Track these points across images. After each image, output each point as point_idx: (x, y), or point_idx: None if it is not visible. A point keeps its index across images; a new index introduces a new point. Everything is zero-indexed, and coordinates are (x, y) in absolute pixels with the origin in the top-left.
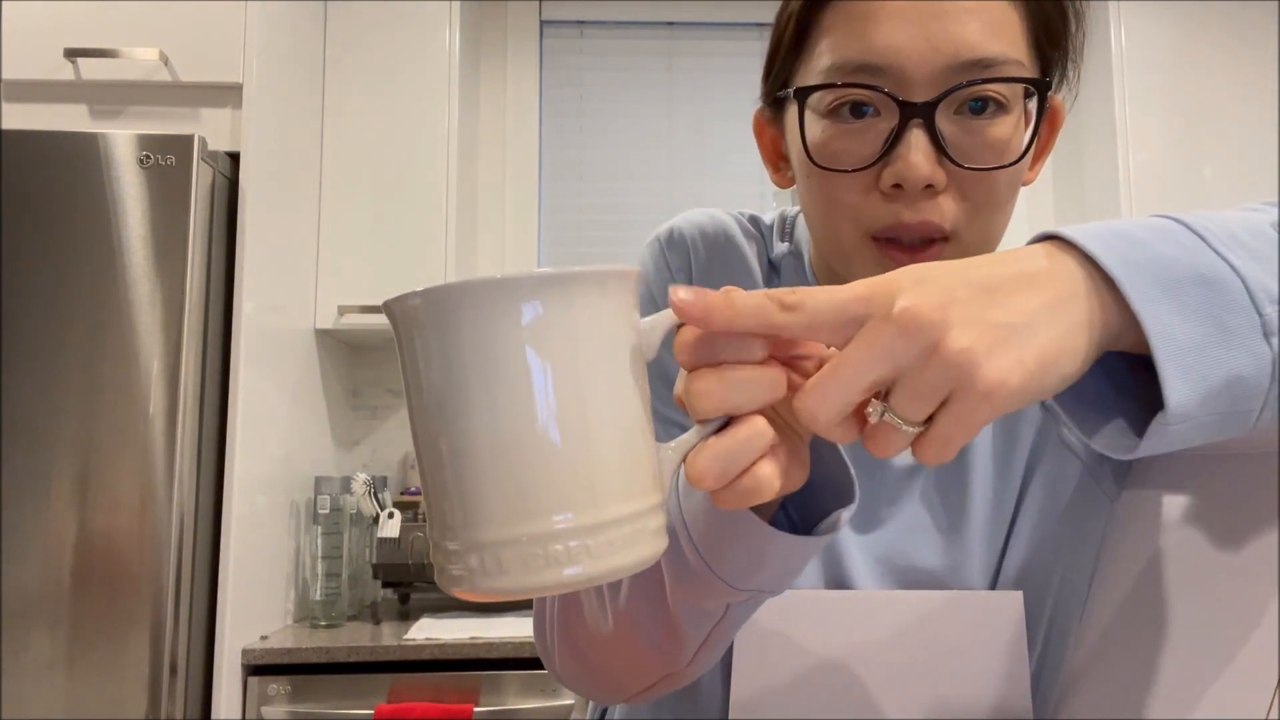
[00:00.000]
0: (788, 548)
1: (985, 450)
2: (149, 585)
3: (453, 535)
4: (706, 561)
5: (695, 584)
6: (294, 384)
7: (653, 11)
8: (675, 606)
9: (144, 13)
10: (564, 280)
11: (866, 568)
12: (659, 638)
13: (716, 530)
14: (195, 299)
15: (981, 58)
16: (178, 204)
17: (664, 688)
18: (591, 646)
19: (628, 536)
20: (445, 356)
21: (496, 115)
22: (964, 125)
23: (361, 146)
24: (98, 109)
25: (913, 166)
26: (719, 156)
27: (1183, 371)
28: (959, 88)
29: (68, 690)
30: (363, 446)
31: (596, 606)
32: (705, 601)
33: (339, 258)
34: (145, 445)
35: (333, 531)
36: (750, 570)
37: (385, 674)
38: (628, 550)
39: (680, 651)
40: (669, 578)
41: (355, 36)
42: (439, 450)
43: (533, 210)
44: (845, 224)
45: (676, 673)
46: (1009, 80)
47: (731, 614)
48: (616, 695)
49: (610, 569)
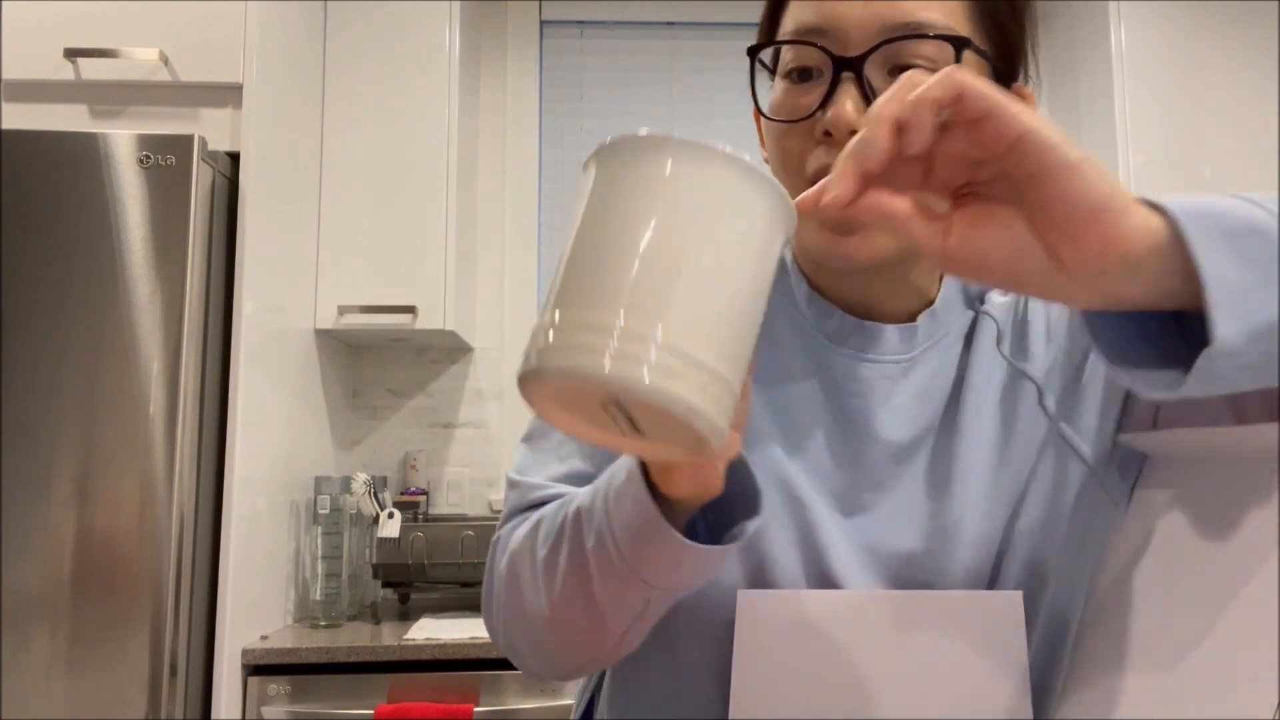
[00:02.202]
0: (697, 555)
1: (980, 442)
2: (149, 585)
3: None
4: (629, 563)
5: (619, 581)
6: (294, 384)
7: (653, 11)
8: (602, 599)
9: (144, 13)
10: (751, 174)
11: (848, 552)
12: (586, 625)
13: (638, 537)
14: (195, 299)
15: (911, 21)
16: (178, 204)
17: (591, 669)
18: (529, 628)
19: (697, 382)
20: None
21: (496, 115)
22: (889, 82)
23: (361, 146)
24: (98, 109)
25: (839, 114)
26: None
27: (1231, 310)
28: (886, 43)
29: (68, 690)
30: (363, 446)
31: (534, 593)
32: (627, 596)
33: (339, 258)
34: (145, 445)
35: (333, 531)
36: (665, 572)
37: (385, 674)
38: (689, 393)
39: (605, 638)
40: (597, 573)
41: (355, 36)
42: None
43: (533, 210)
44: (791, 174)
45: (602, 655)
46: (927, 36)
47: (652, 607)
48: (549, 671)
49: (673, 398)
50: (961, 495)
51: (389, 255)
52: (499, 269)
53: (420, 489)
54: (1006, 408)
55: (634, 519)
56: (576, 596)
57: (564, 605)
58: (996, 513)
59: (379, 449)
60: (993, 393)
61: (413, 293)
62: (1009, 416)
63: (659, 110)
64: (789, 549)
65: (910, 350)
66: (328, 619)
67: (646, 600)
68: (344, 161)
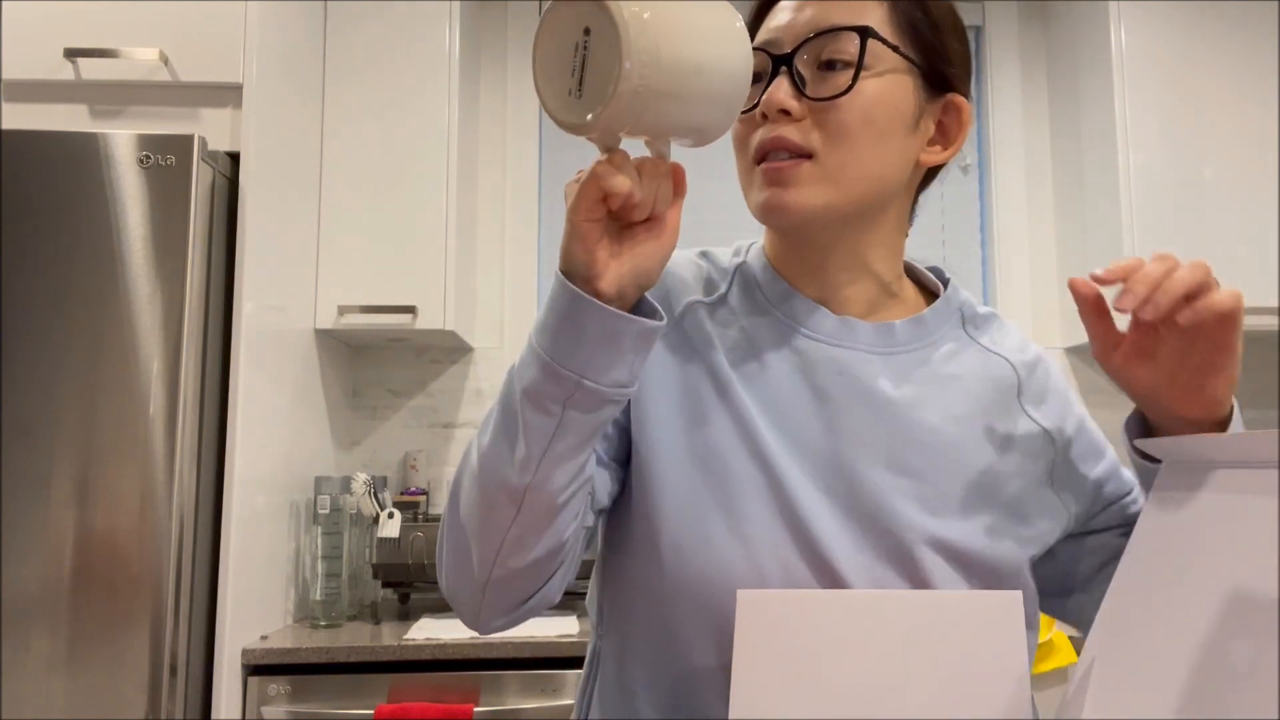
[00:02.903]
0: (603, 320)
1: (961, 415)
2: (149, 585)
3: None
4: (544, 352)
5: (536, 382)
6: (294, 384)
7: None
8: (523, 416)
9: (144, 13)
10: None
11: (836, 524)
12: (508, 460)
13: (555, 316)
14: (195, 299)
15: (832, 25)
16: (178, 204)
17: (511, 552)
18: (462, 530)
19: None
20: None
21: (497, 115)
22: (818, 75)
23: (361, 147)
24: (98, 109)
25: (771, 96)
26: (719, 156)
27: None
28: (807, 41)
29: (68, 690)
30: (363, 446)
31: (470, 485)
32: (545, 397)
33: (339, 258)
34: (145, 445)
35: (333, 531)
36: (571, 343)
37: (385, 674)
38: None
39: (525, 467)
40: (520, 387)
41: (355, 36)
42: None
43: (533, 210)
44: (742, 158)
45: (516, 510)
46: (841, 29)
47: (568, 419)
48: (473, 569)
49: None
50: (943, 470)
51: (389, 255)
52: (499, 269)
53: (420, 489)
54: (992, 428)
55: (552, 305)
56: (501, 441)
57: (489, 457)
58: (975, 489)
59: (379, 449)
60: (981, 419)
61: (413, 293)
62: (990, 406)
63: None
64: (774, 521)
65: (890, 348)
66: (328, 619)
67: (563, 406)
68: (344, 161)
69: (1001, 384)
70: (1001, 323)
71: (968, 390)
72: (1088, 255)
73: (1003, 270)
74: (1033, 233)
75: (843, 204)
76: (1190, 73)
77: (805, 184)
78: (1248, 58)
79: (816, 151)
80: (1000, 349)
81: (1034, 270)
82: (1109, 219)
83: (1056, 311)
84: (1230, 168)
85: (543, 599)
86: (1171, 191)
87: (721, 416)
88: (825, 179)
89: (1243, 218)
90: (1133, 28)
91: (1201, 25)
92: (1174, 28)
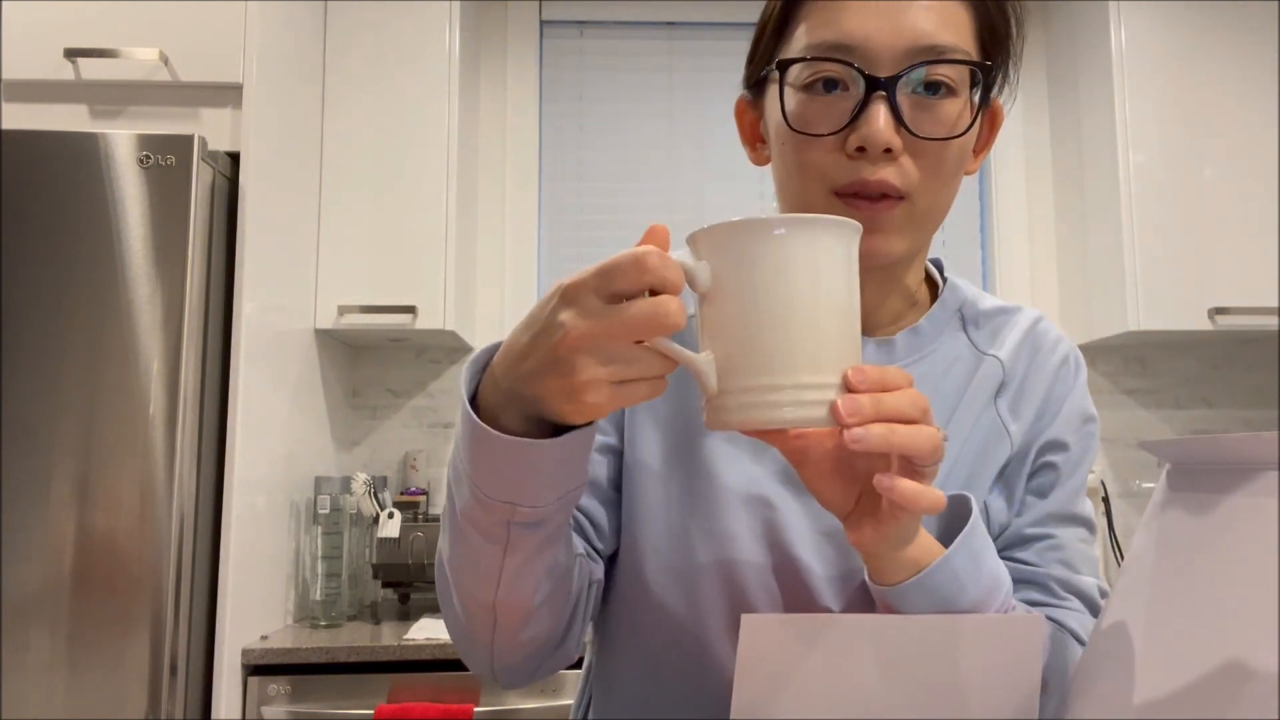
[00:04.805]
0: (511, 446)
1: (946, 422)
2: (149, 585)
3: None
4: (469, 474)
5: (470, 508)
6: (294, 384)
7: (653, 11)
8: (469, 538)
9: (144, 13)
10: (811, 224)
11: (807, 537)
12: (471, 577)
13: (469, 451)
14: (195, 299)
15: (935, 44)
16: (178, 204)
17: (501, 638)
18: (457, 620)
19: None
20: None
21: (496, 115)
22: (918, 102)
23: (361, 147)
24: (98, 109)
25: (876, 131)
26: (719, 156)
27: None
28: (916, 66)
29: (68, 690)
30: (363, 446)
31: (452, 574)
32: (484, 523)
33: (339, 258)
34: (145, 445)
35: (333, 531)
36: (490, 472)
37: (385, 674)
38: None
39: (486, 585)
40: (459, 507)
41: (355, 36)
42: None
43: (532, 210)
44: (814, 183)
45: (493, 619)
46: (956, 62)
47: (514, 538)
48: (476, 650)
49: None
50: None
51: (389, 255)
52: (499, 269)
53: (420, 489)
54: (976, 441)
55: (461, 431)
56: (465, 559)
57: (456, 570)
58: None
59: (379, 449)
60: (970, 426)
61: (412, 293)
62: (967, 402)
63: (658, 110)
64: (751, 530)
65: (889, 363)
66: (328, 619)
67: (506, 526)
68: (344, 161)
69: (986, 381)
70: (1013, 319)
71: (958, 394)
72: (1088, 255)
73: (1003, 270)
74: (1033, 233)
75: (920, 246)
76: (1190, 73)
77: (896, 230)
78: (1248, 58)
79: (911, 192)
80: (997, 349)
81: (1034, 270)
82: (1109, 219)
83: (1056, 311)
84: (1230, 168)
85: (562, 657)
86: (1171, 191)
87: (711, 434)
88: (912, 223)
89: (1243, 218)
90: (1133, 28)
91: (1201, 25)
92: (1174, 28)
